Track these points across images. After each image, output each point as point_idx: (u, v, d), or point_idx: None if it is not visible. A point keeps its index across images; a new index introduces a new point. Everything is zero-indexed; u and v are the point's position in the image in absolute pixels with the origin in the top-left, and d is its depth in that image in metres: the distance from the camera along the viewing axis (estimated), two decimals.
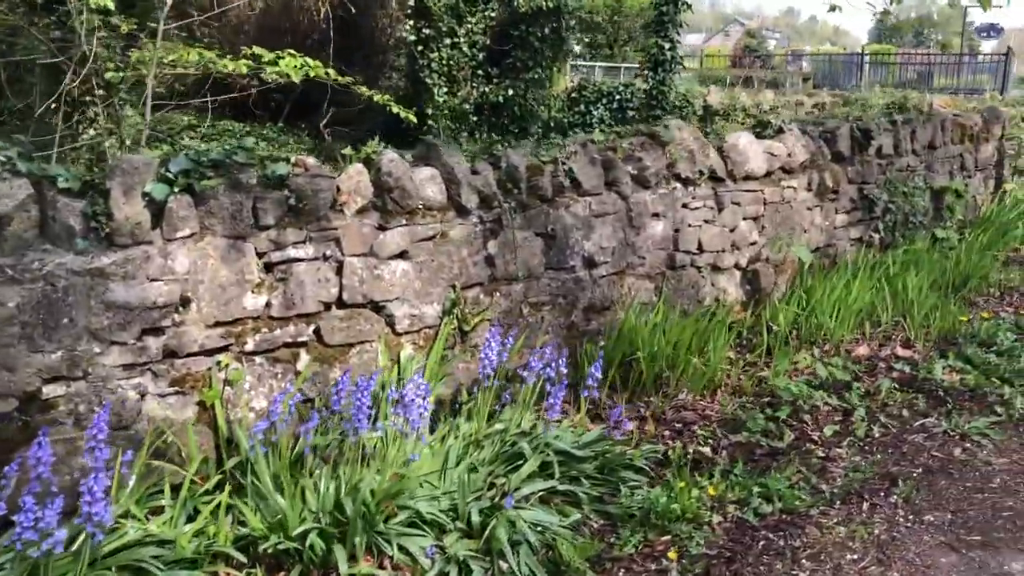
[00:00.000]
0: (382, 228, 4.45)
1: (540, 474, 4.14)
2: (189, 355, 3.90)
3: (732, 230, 6.55)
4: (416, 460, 4.15)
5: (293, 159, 4.12)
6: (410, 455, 4.12)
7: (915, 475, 4.51)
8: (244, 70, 5.73)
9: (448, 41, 9.79)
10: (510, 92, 10.55)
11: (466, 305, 4.81)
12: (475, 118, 10.41)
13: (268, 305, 4.12)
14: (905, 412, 5.32)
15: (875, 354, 6.34)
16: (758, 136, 7.00)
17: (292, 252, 4.15)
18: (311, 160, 4.17)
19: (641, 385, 5.41)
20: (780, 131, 7.04)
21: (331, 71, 5.88)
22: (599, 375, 4.39)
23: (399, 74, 12.15)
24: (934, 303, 6.93)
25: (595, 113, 12.41)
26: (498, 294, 5.00)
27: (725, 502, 4.09)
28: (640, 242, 5.83)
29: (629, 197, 5.73)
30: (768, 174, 6.83)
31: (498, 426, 4.44)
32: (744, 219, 6.64)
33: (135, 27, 5.79)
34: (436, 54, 9.87)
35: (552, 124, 11.44)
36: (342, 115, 9.79)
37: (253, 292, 4.05)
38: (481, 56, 10.40)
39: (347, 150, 4.45)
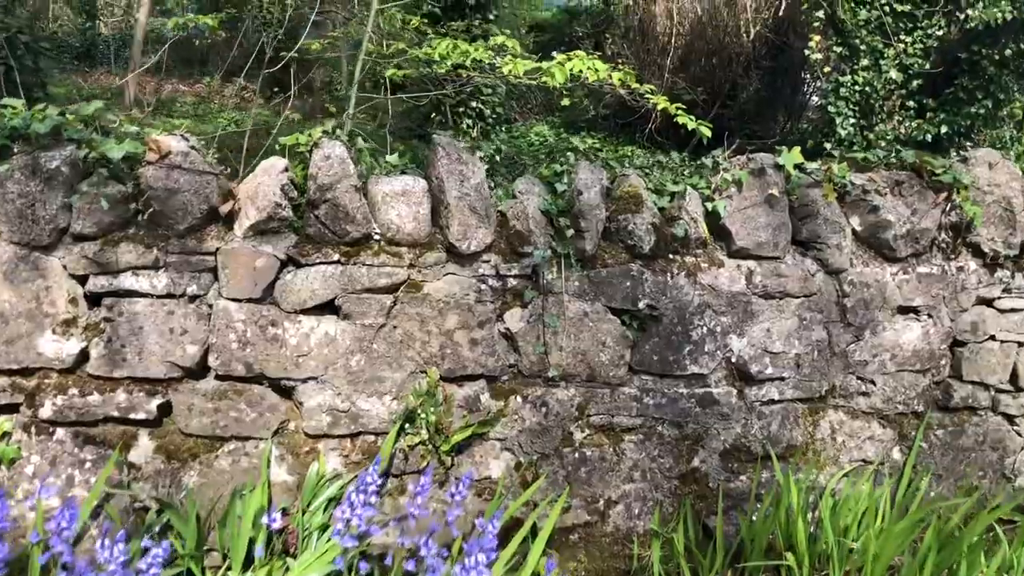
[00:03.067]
0: (293, 262, 2.78)
1: None
2: None
3: None
4: None
5: (147, 138, 2.66)
6: None
7: None
8: (520, 71, 4.45)
9: (865, 62, 7.56)
10: (943, 130, 7.80)
11: (449, 407, 2.90)
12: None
13: (84, 356, 2.71)
14: None
15: None
16: None
17: (128, 281, 2.69)
18: (174, 141, 2.67)
19: None
20: None
21: (617, 75, 4.31)
22: None
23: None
24: None
25: None
26: (521, 399, 2.98)
27: None
28: (864, 352, 3.29)
29: (845, 271, 3.24)
30: None
31: None
32: None
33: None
34: (848, 77, 7.70)
35: None
36: (755, 147, 8.36)
37: (57, 332, 2.67)
38: (914, 83, 7.94)
39: (288, 139, 2.86)
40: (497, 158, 6.68)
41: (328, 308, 2.82)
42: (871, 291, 3.26)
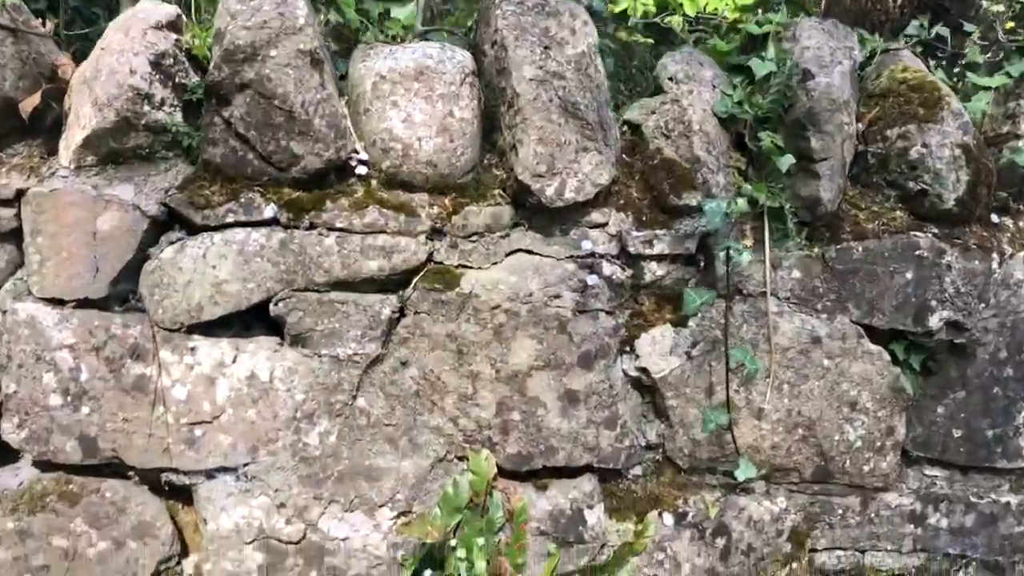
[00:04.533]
0: (180, 221, 1.29)
1: None
2: None
3: None
4: None
5: None
6: None
7: None
8: None
9: None
10: None
11: (518, 534, 1.35)
12: None
13: None
14: None
15: None
16: None
17: None
18: None
19: None
20: None
21: None
22: None
23: None
24: None
25: None
26: (672, 518, 1.41)
27: None
28: None
29: None
30: None
31: None
32: None
33: None
34: None
35: None
36: None
37: None
38: None
39: None
40: None
41: (256, 321, 1.32)
42: None
